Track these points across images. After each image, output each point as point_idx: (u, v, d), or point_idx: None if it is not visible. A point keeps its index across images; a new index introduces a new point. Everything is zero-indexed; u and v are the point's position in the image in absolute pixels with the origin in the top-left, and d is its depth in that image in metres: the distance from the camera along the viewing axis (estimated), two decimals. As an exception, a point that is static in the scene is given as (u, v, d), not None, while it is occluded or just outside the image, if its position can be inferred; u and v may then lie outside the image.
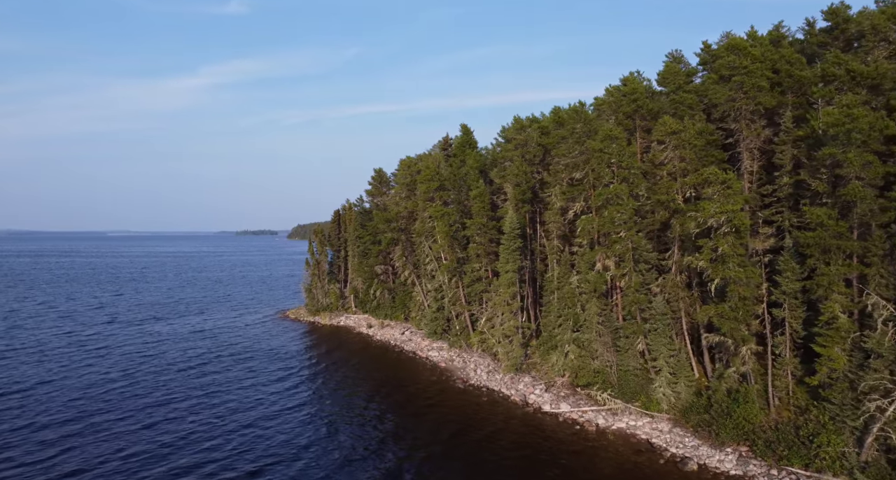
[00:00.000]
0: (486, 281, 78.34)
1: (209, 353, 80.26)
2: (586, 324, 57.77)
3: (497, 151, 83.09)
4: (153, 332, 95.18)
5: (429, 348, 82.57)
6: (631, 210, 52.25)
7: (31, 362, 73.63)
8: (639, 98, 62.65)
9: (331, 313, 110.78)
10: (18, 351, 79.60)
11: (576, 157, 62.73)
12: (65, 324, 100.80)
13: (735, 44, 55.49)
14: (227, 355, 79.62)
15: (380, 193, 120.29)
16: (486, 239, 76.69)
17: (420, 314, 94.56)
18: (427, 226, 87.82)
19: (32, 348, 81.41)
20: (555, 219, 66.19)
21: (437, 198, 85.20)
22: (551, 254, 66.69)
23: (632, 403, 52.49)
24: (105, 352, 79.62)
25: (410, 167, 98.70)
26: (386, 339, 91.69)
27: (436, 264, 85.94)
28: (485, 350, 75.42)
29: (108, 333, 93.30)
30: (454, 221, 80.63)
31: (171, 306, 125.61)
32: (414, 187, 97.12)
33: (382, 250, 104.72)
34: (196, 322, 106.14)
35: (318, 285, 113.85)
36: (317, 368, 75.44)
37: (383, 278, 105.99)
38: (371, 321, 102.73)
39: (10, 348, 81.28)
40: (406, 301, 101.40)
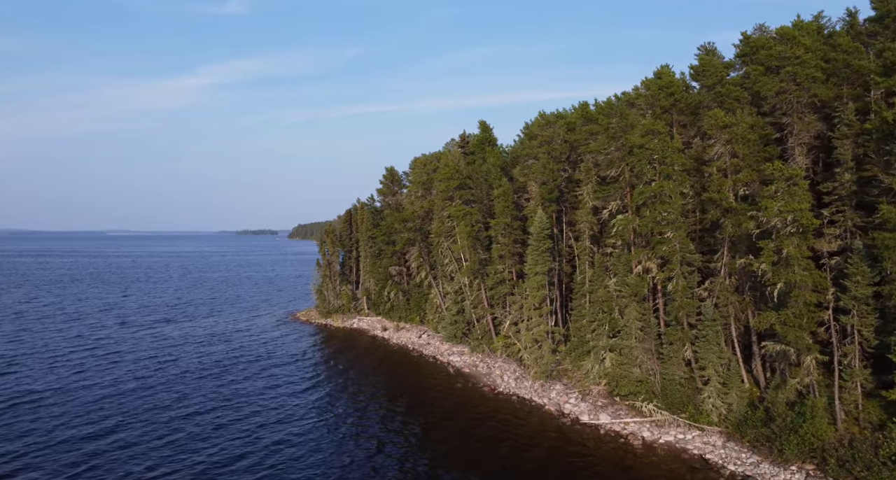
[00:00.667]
0: (510, 283, 74.79)
1: (225, 359, 76.60)
2: (625, 330, 54.23)
3: (520, 148, 79.42)
4: (165, 336, 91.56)
5: (449, 352, 79.00)
6: (679, 209, 48.72)
7: (42, 368, 70.08)
8: (676, 91, 59.21)
9: (343, 315, 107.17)
10: (29, 356, 75.95)
11: (611, 154, 59.23)
12: (74, 327, 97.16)
13: (784, 33, 52.06)
14: (243, 361, 75.98)
15: (391, 192, 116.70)
16: (511, 239, 73.17)
17: (437, 317, 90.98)
18: (446, 226, 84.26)
19: (43, 353, 77.75)
20: (586, 219, 62.69)
21: (456, 197, 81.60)
22: (582, 256, 63.19)
23: (678, 415, 48.96)
24: (118, 358, 75.99)
25: (426, 165, 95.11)
26: (403, 343, 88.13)
27: (456, 265, 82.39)
28: (510, 355, 71.87)
29: (119, 337, 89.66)
30: (476, 221, 77.05)
31: (180, 308, 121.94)
32: (430, 186, 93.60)
33: (397, 251, 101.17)
34: (207, 324, 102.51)
35: (330, 286, 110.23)
36: (338, 375, 71.87)
37: (397, 279, 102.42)
38: (385, 323, 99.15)
39: (20, 353, 77.65)
40: (421, 303, 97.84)
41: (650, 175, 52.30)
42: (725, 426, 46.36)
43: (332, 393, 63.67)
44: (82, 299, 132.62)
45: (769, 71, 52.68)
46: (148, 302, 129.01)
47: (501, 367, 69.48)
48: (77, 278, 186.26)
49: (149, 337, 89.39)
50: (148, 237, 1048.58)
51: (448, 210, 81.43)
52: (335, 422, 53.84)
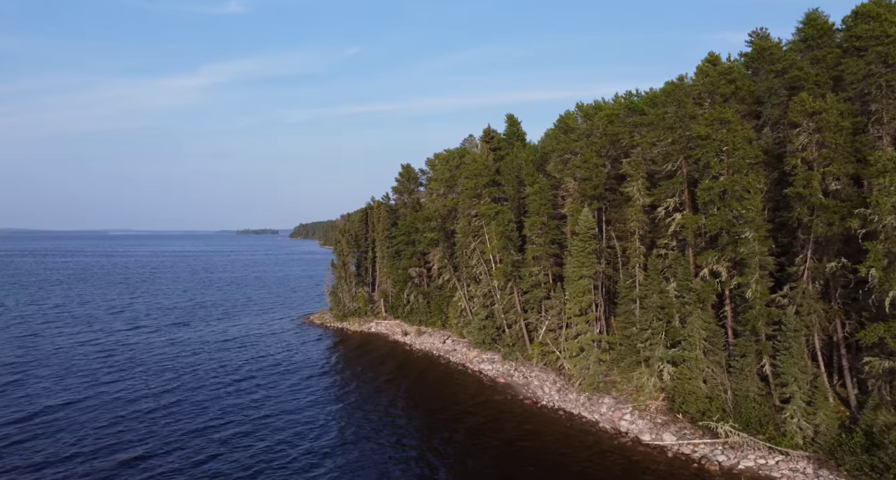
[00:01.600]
0: (545, 286, 69.14)
1: (243, 367, 70.94)
2: (688, 340, 48.53)
3: (553, 143, 73.62)
4: (179, 341, 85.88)
5: (479, 360, 73.30)
6: (758, 205, 43.02)
7: (53, 378, 64.51)
8: (737, 78, 53.48)
9: (359, 318, 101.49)
10: (39, 365, 70.33)
11: (666, 147, 53.60)
12: (84, 331, 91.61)
13: (866, 11, 46.30)
14: (262, 369, 70.35)
15: (408, 190, 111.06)
16: (547, 239, 67.54)
17: (462, 321, 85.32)
18: (473, 226, 78.61)
19: (53, 361, 72.17)
20: (636, 218, 56.98)
21: (485, 194, 75.92)
22: (633, 258, 57.45)
23: (756, 436, 43.27)
24: (131, 365, 70.45)
25: (448, 162, 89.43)
26: (427, 349, 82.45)
27: (485, 267, 76.71)
28: (547, 364, 66.22)
29: (131, 342, 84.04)
30: (509, 220, 71.32)
31: (191, 310, 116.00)
32: (453, 183, 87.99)
33: (417, 251, 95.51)
34: (221, 328, 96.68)
35: (345, 288, 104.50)
36: (363, 384, 66.18)
37: (417, 281, 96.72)
38: (405, 327, 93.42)
39: (29, 360, 72.14)
40: (443, 306, 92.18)
41: (718, 169, 46.61)
42: (814, 450, 40.69)
43: (360, 405, 58.00)
44: (90, 301, 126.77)
45: (847, 53, 47.20)
46: (158, 304, 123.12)
47: (539, 377, 63.80)
48: (82, 278, 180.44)
49: (163, 343, 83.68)
50: (149, 236, 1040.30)
51: (478, 208, 75.76)
52: (368, 437, 48.20)
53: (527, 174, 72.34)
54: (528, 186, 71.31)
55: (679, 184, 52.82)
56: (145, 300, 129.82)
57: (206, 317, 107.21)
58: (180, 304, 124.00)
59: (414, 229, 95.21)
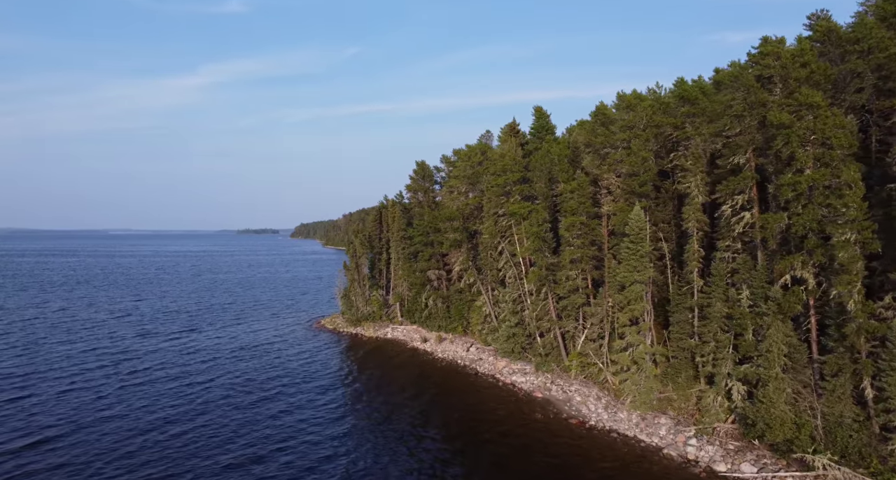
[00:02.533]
0: (584, 291, 62.83)
1: (255, 380, 64.43)
2: (766, 356, 42.11)
3: (590, 136, 67.18)
4: (190, 348, 79.44)
5: (510, 371, 66.92)
6: (861, 203, 36.67)
7: (57, 392, 58.38)
8: (810, 61, 47.10)
9: (374, 323, 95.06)
10: (42, 377, 64.01)
11: (735, 137, 47.27)
12: (88, 338, 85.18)
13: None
14: (276, 383, 63.91)
15: (422, 189, 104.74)
16: (586, 241, 61.22)
17: (487, 327, 78.93)
18: (501, 226, 72.29)
19: (57, 372, 65.81)
20: (695, 217, 50.68)
21: (514, 192, 69.55)
22: (692, 262, 51.08)
23: (856, 470, 36.93)
24: (144, 378, 64.21)
25: (471, 158, 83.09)
26: (450, 357, 76.03)
27: (514, 270, 70.36)
28: (588, 377, 59.86)
29: (142, 350, 77.60)
30: (543, 220, 64.93)
31: (199, 314, 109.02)
32: (476, 180, 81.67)
33: (436, 253, 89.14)
34: (230, 335, 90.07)
35: (358, 291, 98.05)
36: (387, 400, 59.80)
37: (436, 284, 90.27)
38: (424, 333, 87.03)
39: (32, 372, 65.82)
40: (464, 311, 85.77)
41: (804, 161, 40.26)
42: (932, 488, 34.34)
43: (387, 422, 51.67)
44: (93, 304, 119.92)
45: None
46: (165, 308, 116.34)
47: (581, 392, 57.41)
48: (84, 280, 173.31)
49: (173, 352, 77.18)
50: (149, 236, 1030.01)
51: (508, 207, 69.43)
52: (401, 462, 41.77)
53: (560, 170, 65.98)
54: (562, 183, 65.12)
55: (748, 179, 46.46)
56: (151, 303, 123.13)
57: (215, 322, 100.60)
58: (187, 308, 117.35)
59: (433, 229, 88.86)
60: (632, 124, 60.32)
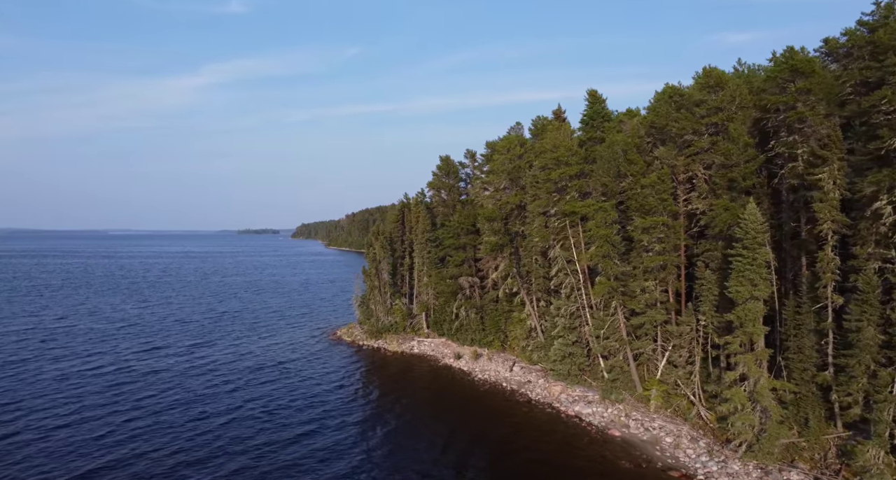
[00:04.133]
0: (665, 306, 51.47)
1: (283, 417, 52.19)
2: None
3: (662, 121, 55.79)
4: (204, 368, 67.82)
5: (569, 399, 55.52)
6: None
7: (55, 424, 47.78)
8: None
9: (397, 336, 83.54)
10: (37, 404, 53.14)
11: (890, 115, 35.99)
12: (94, 352, 73.95)
13: None
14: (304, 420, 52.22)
15: (446, 186, 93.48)
16: (669, 245, 49.88)
17: (532, 344, 67.59)
18: (554, 227, 60.91)
19: (55, 399, 54.67)
20: (831, 216, 39.32)
21: (571, 188, 58.20)
22: (826, 273, 39.67)
23: None
24: (153, 408, 52.82)
25: (511, 150, 71.71)
26: (492, 379, 64.55)
27: (572, 279, 58.93)
28: (675, 412, 48.45)
29: (147, 370, 66.13)
30: (613, 220, 53.53)
31: (211, 324, 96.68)
32: (518, 176, 70.29)
33: (468, 257, 77.71)
34: (246, 349, 78.36)
35: (379, 299, 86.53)
36: (430, 436, 48.28)
37: (469, 293, 78.75)
38: (456, 348, 75.54)
39: (24, 398, 54.89)
40: (500, 323, 74.39)
41: None
42: None
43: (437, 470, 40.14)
44: (95, 312, 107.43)
45: None
46: (172, 316, 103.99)
47: (669, 431, 46.02)
48: (85, 283, 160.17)
49: (184, 373, 65.52)
50: (149, 236, 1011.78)
51: (562, 205, 58.05)
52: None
53: (629, 162, 54.66)
54: (630, 176, 53.90)
55: (914, 167, 35.16)
56: (156, 310, 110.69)
57: (227, 334, 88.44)
58: (196, 316, 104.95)
59: (464, 230, 77.44)
60: (721, 105, 49.22)
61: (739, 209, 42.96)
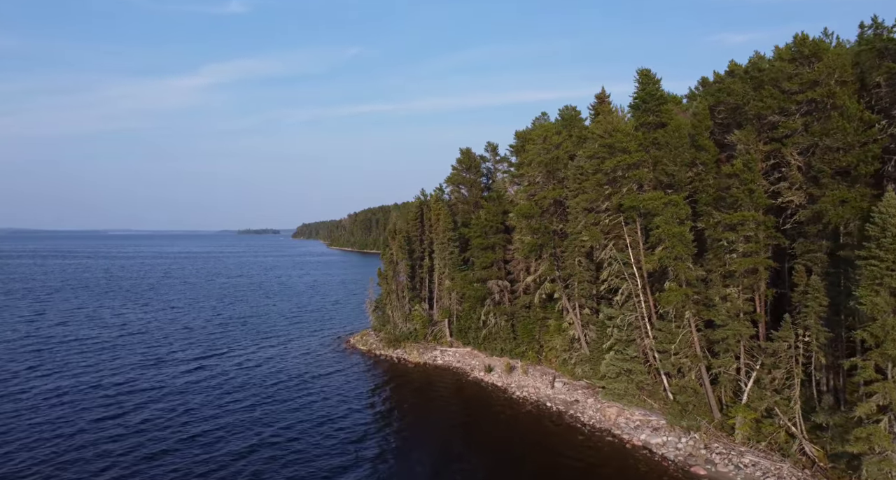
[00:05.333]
0: (750, 317, 42.71)
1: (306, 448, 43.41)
2: None
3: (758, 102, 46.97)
4: (216, 386, 58.91)
5: (629, 424, 46.73)
6: None
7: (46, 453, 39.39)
8: None
9: (417, 344, 74.69)
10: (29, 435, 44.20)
11: None
12: (92, 365, 65.33)
13: None
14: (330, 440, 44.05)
15: (468, 182, 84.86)
16: (759, 245, 41.13)
17: (575, 356, 58.81)
18: (606, 225, 52.21)
19: (46, 430, 45.46)
20: None
21: (626, 179, 49.47)
22: None
23: None
24: (161, 438, 44.04)
25: (549, 139, 62.87)
26: (533, 397, 55.69)
27: (629, 284, 50.17)
28: (771, 446, 39.62)
29: (155, 389, 57.33)
30: (686, 216, 44.68)
31: (218, 332, 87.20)
32: (556, 167, 61.55)
33: (497, 259, 68.92)
34: (258, 361, 69.37)
35: (396, 304, 77.70)
36: (471, 469, 39.57)
37: (498, 298, 69.90)
38: (486, 360, 66.75)
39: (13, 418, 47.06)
40: (534, 331, 65.66)
41: None
42: None
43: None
44: (96, 318, 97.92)
45: None
46: (178, 323, 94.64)
47: (767, 469, 37.27)
48: (85, 286, 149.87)
49: (195, 393, 56.48)
50: (150, 236, 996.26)
51: (616, 199, 49.33)
52: None
53: (700, 148, 46.01)
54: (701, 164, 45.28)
55: None
56: (160, 316, 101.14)
57: (235, 343, 79.15)
58: (202, 322, 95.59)
59: (492, 229, 68.65)
60: (818, 78, 40.52)
61: (862, 201, 34.29)
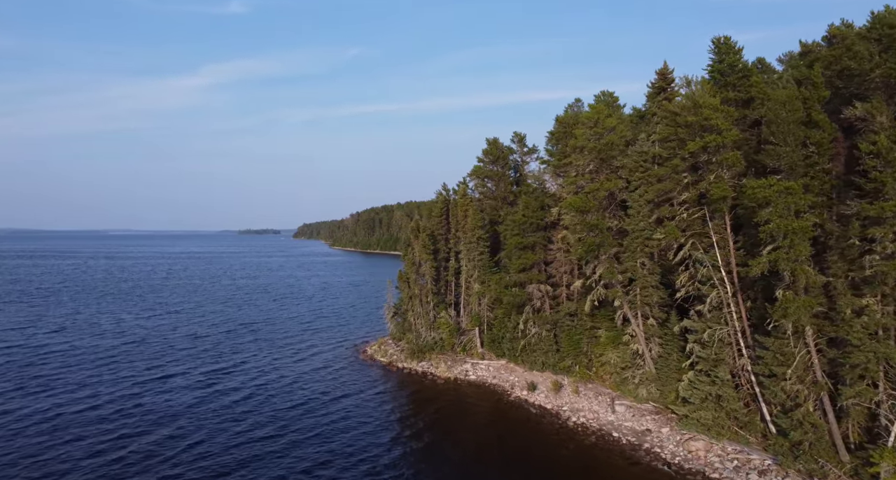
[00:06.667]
0: (889, 335, 33.14)
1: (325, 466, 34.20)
2: None
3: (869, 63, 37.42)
4: (226, 405, 49.96)
5: (724, 461, 37.13)
6: None
7: None
8: None
9: (444, 356, 64.97)
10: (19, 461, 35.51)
11: None
12: (90, 382, 55.79)
13: None
14: None
15: (495, 175, 75.37)
16: (909, 245, 31.53)
17: (640, 375, 49.15)
18: (683, 219, 42.64)
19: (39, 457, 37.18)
20: None
21: (716, 164, 39.89)
22: None
23: None
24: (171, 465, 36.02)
25: (600, 122, 53.15)
26: (593, 424, 45.94)
27: (720, 292, 40.57)
28: (937, 501, 30.05)
29: (162, 407, 48.59)
30: (807, 206, 35.02)
31: (227, 341, 76.83)
32: (609, 155, 51.89)
33: (538, 260, 59.27)
34: (271, 376, 59.84)
35: (419, 311, 67.94)
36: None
37: (538, 304, 60.21)
38: (525, 375, 57.13)
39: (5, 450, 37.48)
40: (581, 343, 56.07)
41: None
42: None
43: None
44: (95, 323, 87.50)
45: None
46: (184, 331, 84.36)
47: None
48: (85, 288, 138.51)
49: (204, 415, 47.11)
50: (150, 236, 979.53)
51: (712, 188, 39.75)
52: None
53: (813, 125, 36.48)
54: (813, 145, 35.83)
55: None
56: (165, 322, 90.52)
57: (247, 355, 68.62)
58: (209, 329, 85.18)
59: (531, 226, 59.02)
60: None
61: None
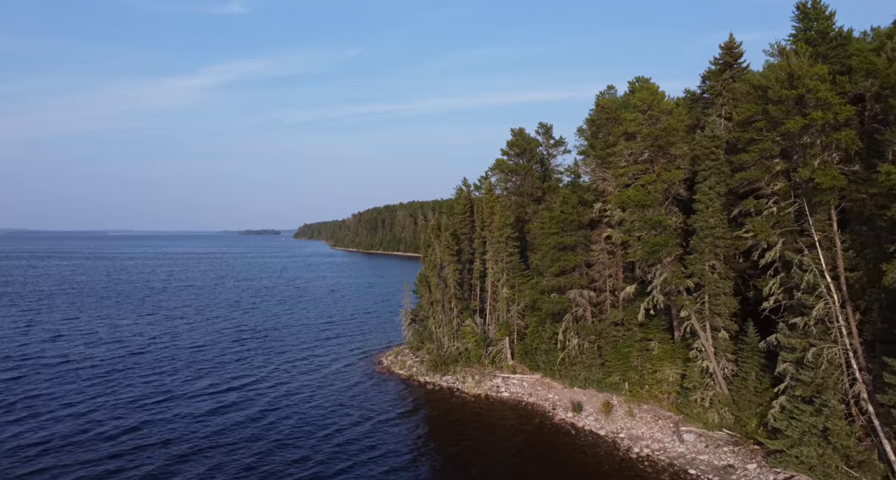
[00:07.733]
0: None
1: None
2: None
3: None
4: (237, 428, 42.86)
5: (848, 516, 29.46)
6: None
7: None
8: None
9: (470, 369, 57.22)
10: None
11: None
12: (86, 400, 48.72)
13: None
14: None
15: (522, 169, 67.89)
16: None
17: (709, 397, 41.50)
18: (773, 215, 35.07)
19: None
20: None
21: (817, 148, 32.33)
22: None
23: None
24: None
25: (654, 105, 45.46)
26: (661, 457, 38.20)
27: (830, 300, 32.92)
28: None
29: (163, 436, 40.99)
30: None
31: (234, 352, 68.46)
32: (668, 142, 44.21)
33: (579, 263, 51.59)
34: (284, 392, 52.43)
35: (442, 319, 60.16)
36: None
37: (579, 313, 52.51)
38: (565, 392, 49.47)
39: None
40: (631, 356, 48.41)
41: None
42: None
43: None
44: (91, 332, 78.91)
45: None
46: (184, 335, 77.01)
47: None
48: (84, 291, 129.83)
49: (215, 439, 40.19)
50: (150, 236, 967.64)
51: (818, 176, 32.16)
52: None
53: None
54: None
55: None
56: (167, 329, 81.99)
57: (256, 368, 60.77)
58: (214, 337, 76.81)
59: (572, 224, 51.30)
60: None
61: None
